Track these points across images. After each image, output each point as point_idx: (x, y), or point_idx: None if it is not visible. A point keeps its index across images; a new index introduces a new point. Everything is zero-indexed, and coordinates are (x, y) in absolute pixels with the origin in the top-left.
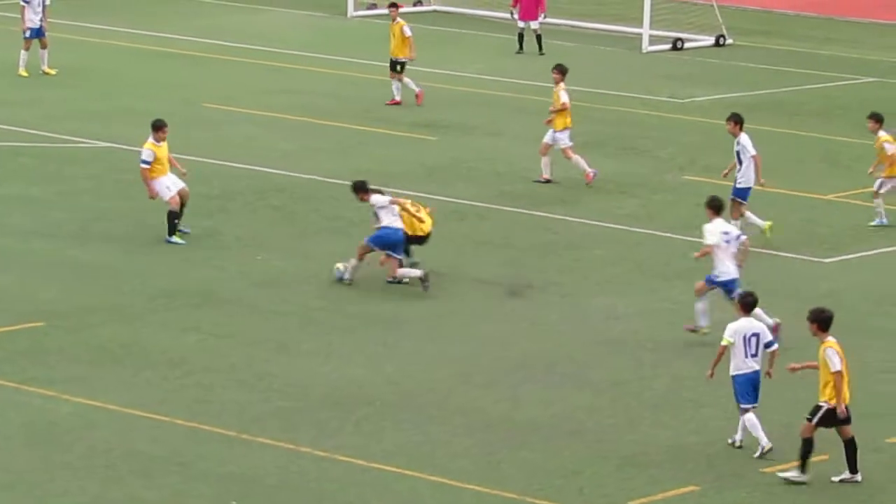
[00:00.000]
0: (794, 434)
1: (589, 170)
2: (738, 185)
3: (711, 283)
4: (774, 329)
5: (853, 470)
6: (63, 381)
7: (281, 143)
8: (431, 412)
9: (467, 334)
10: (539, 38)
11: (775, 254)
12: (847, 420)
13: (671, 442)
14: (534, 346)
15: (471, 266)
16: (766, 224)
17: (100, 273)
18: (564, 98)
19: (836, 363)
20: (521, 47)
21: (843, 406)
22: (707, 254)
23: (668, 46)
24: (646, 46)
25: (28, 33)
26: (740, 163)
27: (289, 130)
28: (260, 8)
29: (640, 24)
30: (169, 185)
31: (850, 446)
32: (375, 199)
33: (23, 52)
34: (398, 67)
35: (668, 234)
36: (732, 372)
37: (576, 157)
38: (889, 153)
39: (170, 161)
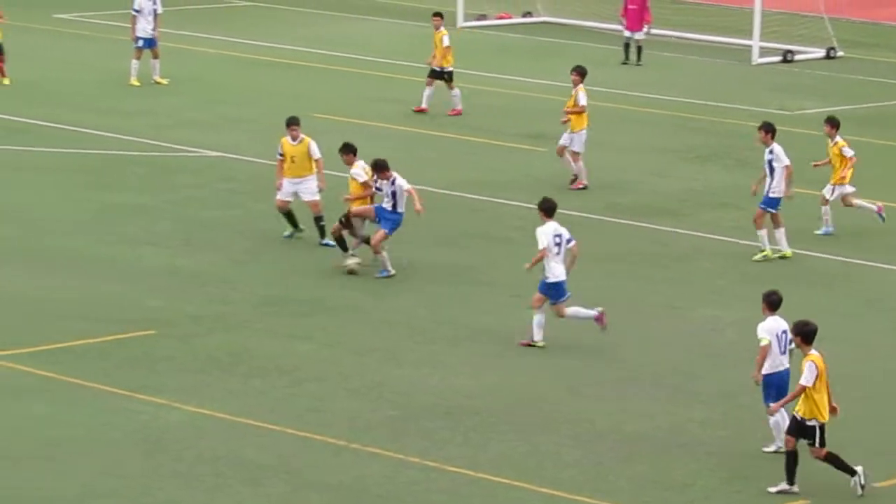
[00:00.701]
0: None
1: (584, 180)
2: (769, 195)
3: (544, 292)
4: (598, 318)
5: (852, 473)
6: (172, 389)
7: (386, 153)
8: (538, 423)
9: (574, 345)
10: (640, 49)
11: (880, 266)
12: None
13: (776, 455)
14: (641, 358)
15: (579, 278)
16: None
17: (208, 281)
18: (583, 100)
19: (808, 377)
20: (627, 57)
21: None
22: (540, 260)
23: (779, 58)
24: (756, 58)
25: (141, 43)
26: (771, 173)
27: (394, 140)
28: (365, 18)
29: (750, 36)
30: (284, 189)
31: (794, 457)
32: (402, 181)
33: (134, 61)
34: (446, 77)
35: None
36: (766, 371)
37: (578, 165)
38: (848, 157)
39: (315, 166)
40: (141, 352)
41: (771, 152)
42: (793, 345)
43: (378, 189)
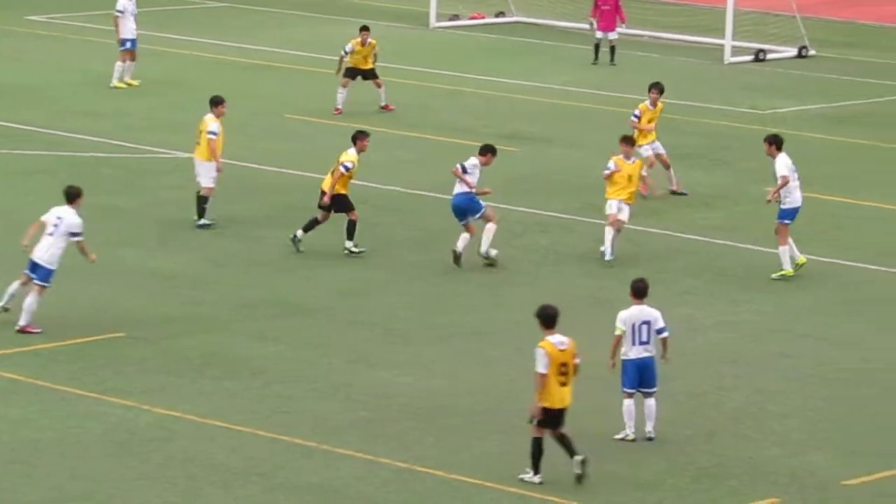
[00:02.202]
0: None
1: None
2: (782, 207)
3: None
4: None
5: (573, 454)
6: (143, 391)
7: (364, 154)
8: (513, 423)
9: None
10: (613, 49)
11: (860, 265)
12: (560, 421)
13: (751, 454)
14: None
15: (553, 277)
16: (799, 259)
17: (180, 283)
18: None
19: (539, 365)
20: (596, 58)
21: (536, 408)
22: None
23: (751, 58)
24: (728, 58)
25: (129, 44)
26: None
27: (371, 141)
28: (342, 19)
29: (723, 36)
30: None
31: (563, 440)
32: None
33: (118, 63)
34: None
35: (750, 246)
36: (622, 357)
37: (669, 171)
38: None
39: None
40: (112, 354)
41: (776, 164)
42: (666, 333)
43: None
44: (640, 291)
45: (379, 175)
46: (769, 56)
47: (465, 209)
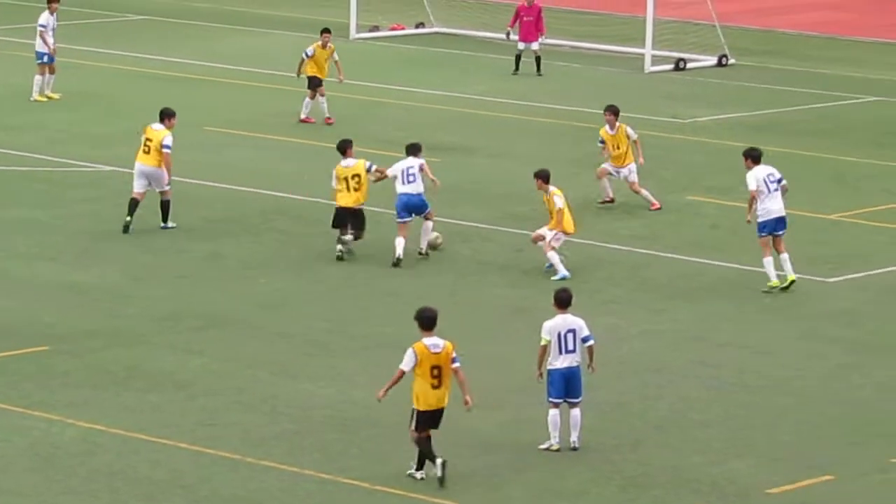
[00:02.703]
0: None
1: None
2: (757, 220)
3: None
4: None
5: (433, 461)
6: (66, 405)
7: (283, 165)
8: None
9: (471, 356)
10: (538, 59)
11: (782, 274)
12: (435, 422)
13: (675, 462)
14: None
15: (475, 288)
16: (789, 276)
17: (103, 296)
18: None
19: (404, 362)
20: (517, 68)
21: (378, 396)
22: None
23: (671, 67)
24: (648, 67)
25: (46, 58)
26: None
27: (291, 153)
28: (262, 31)
29: (643, 45)
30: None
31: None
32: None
33: (37, 76)
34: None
35: (672, 255)
36: (548, 367)
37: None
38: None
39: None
40: (35, 368)
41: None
42: (591, 341)
43: None
44: (564, 301)
45: (300, 186)
46: (689, 65)
47: (420, 207)
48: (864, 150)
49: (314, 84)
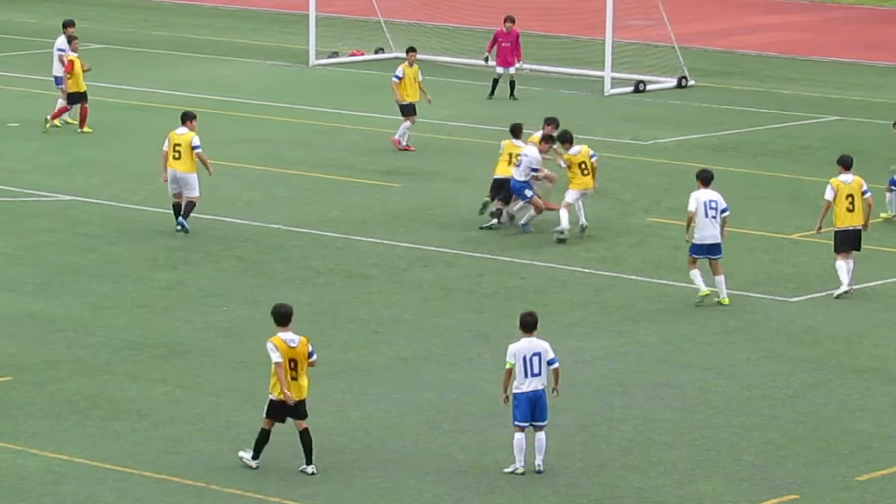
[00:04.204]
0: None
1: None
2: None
3: None
4: None
5: (308, 461)
6: (30, 435)
7: (245, 192)
8: (400, 459)
9: (434, 380)
10: (513, 84)
11: (742, 294)
12: (297, 412)
13: (641, 484)
14: (501, 391)
15: (437, 313)
16: (704, 290)
17: (64, 326)
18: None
19: (273, 356)
20: (493, 93)
21: (289, 396)
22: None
23: (631, 89)
24: (608, 89)
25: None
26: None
27: (253, 180)
28: (223, 59)
29: (603, 68)
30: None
31: (305, 437)
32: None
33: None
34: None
35: (634, 277)
36: (514, 390)
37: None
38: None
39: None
40: None
41: None
42: (556, 364)
43: None
44: (528, 325)
45: (260, 212)
46: (649, 87)
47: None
48: (824, 170)
49: (408, 111)
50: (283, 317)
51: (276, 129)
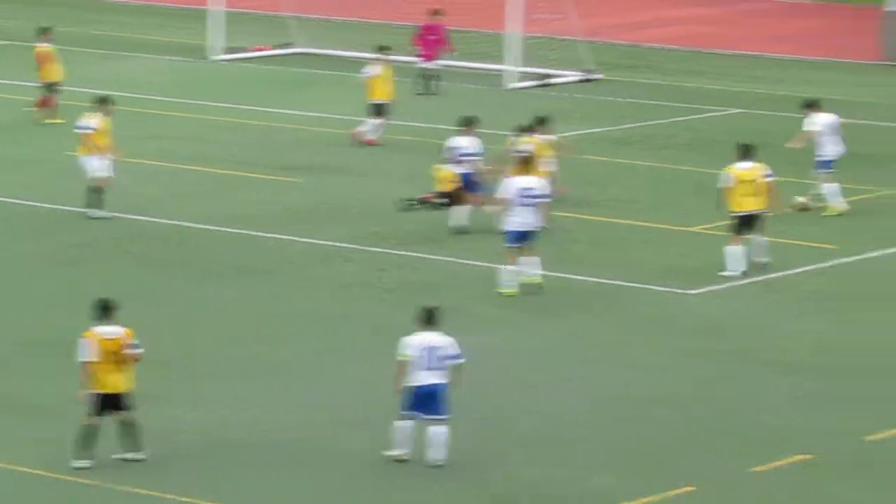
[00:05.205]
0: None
1: None
2: None
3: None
4: None
5: (132, 450)
6: None
7: (145, 188)
8: (301, 456)
9: (336, 376)
10: (437, 77)
11: (645, 287)
12: (120, 404)
13: (542, 477)
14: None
15: (337, 308)
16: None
17: None
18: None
19: (81, 353)
20: (426, 89)
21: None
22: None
23: (537, 82)
24: (514, 83)
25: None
26: None
27: (153, 176)
28: (124, 55)
29: (509, 61)
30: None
31: (127, 428)
32: None
33: None
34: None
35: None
36: (408, 383)
37: None
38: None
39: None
40: None
41: None
42: (459, 360)
43: None
44: (427, 319)
45: (161, 209)
46: (554, 80)
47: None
48: (727, 162)
49: (381, 111)
50: (101, 311)
51: (177, 125)
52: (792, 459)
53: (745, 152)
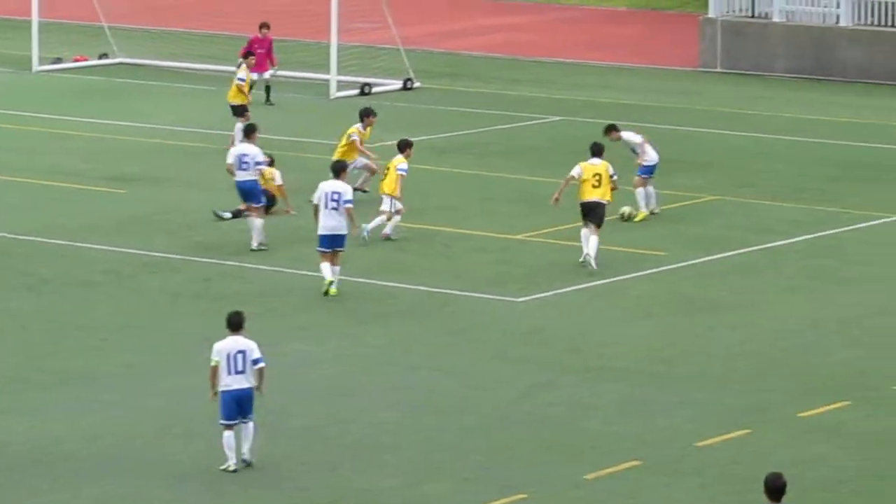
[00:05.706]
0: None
1: None
2: None
3: None
4: None
5: None
6: None
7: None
8: (130, 465)
9: (163, 386)
10: (269, 88)
11: (470, 295)
12: None
13: (370, 486)
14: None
15: (165, 318)
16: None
17: None
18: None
19: None
20: (268, 98)
21: None
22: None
23: (357, 91)
24: (334, 92)
25: None
26: None
27: None
28: None
29: (328, 71)
30: None
31: None
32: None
33: None
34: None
35: (361, 280)
36: (220, 388)
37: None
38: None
39: None
40: None
41: None
42: (262, 363)
43: None
44: (234, 324)
45: None
46: (375, 89)
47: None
48: (550, 170)
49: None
50: None
51: (2, 137)
52: (623, 466)
53: (596, 151)
